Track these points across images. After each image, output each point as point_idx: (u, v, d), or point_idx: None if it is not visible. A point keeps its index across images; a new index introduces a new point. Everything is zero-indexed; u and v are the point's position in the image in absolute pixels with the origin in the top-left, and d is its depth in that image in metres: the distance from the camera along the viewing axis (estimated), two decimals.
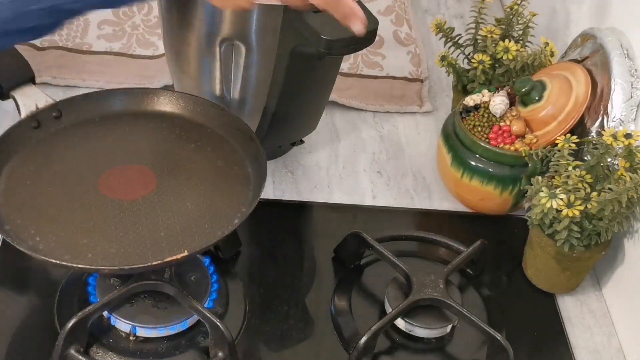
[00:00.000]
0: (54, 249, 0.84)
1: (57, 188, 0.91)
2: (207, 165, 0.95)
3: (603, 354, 0.99)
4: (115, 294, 0.88)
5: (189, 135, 0.98)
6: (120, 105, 1.00)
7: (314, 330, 0.96)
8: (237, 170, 0.94)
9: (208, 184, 0.93)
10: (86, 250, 0.84)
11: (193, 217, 0.89)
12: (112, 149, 0.97)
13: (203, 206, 0.90)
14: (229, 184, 0.93)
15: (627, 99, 1.00)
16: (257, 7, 0.93)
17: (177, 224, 0.88)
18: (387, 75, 1.32)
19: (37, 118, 0.96)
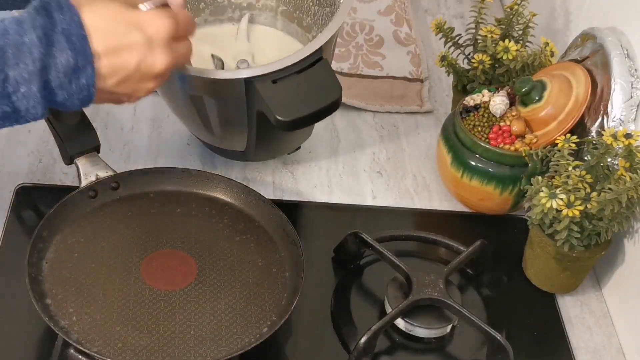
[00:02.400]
0: (87, 332, 0.85)
1: (102, 267, 0.92)
2: (248, 262, 0.94)
3: (603, 354, 0.99)
4: None
5: (236, 226, 0.98)
6: (176, 184, 1.01)
7: (314, 330, 0.96)
8: (275, 273, 0.94)
9: (245, 284, 0.92)
10: (117, 338, 0.85)
11: (225, 319, 0.89)
12: (160, 229, 0.97)
13: (236, 308, 0.90)
14: (266, 287, 0.92)
15: (627, 99, 1.00)
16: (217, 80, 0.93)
17: (208, 325, 0.88)
18: (387, 75, 1.32)
19: (95, 188, 0.97)
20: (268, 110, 0.89)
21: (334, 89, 0.90)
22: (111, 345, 0.84)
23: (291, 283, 0.92)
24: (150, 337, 0.86)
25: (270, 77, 0.89)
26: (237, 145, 1.06)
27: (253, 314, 0.89)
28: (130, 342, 0.85)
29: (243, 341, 0.87)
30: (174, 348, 0.85)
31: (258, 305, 0.90)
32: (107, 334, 0.85)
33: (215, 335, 0.87)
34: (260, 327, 0.88)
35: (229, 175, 1.12)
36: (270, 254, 0.96)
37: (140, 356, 0.84)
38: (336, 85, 0.90)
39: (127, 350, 0.84)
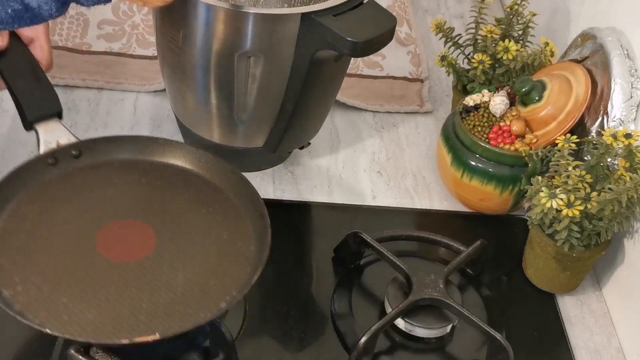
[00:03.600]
0: (32, 303, 0.81)
1: (55, 237, 0.88)
2: (212, 235, 0.91)
3: (603, 354, 0.99)
4: None
5: (203, 197, 0.95)
6: (142, 153, 0.97)
7: (314, 330, 0.96)
8: (240, 247, 0.90)
9: (206, 257, 0.89)
10: (63, 311, 0.81)
11: (180, 293, 0.85)
12: (121, 198, 0.94)
13: (194, 282, 0.86)
14: (228, 261, 0.89)
15: (627, 99, 1.00)
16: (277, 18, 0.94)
17: (162, 298, 0.84)
18: (387, 75, 1.32)
19: (56, 155, 0.94)
20: (337, 37, 0.89)
21: (390, 18, 0.93)
22: (56, 318, 0.81)
23: (256, 257, 0.89)
24: (99, 310, 0.82)
25: (330, 11, 0.92)
26: (259, 136, 1.05)
27: (212, 289, 0.85)
28: (76, 315, 0.81)
29: (198, 316, 0.82)
30: (122, 322, 0.81)
31: (218, 280, 0.86)
32: (53, 305, 0.82)
33: (169, 310, 0.83)
34: (219, 302, 0.84)
35: None
36: (237, 226, 0.92)
37: (85, 329, 0.80)
38: (390, 15, 0.93)
39: (73, 323, 0.81)
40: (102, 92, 1.22)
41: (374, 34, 0.91)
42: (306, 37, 0.93)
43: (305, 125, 1.08)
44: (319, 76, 0.98)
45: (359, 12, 0.93)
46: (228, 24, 0.95)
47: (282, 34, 0.94)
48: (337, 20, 0.91)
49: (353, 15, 0.93)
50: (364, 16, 0.93)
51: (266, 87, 1.00)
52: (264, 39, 0.95)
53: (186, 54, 1.00)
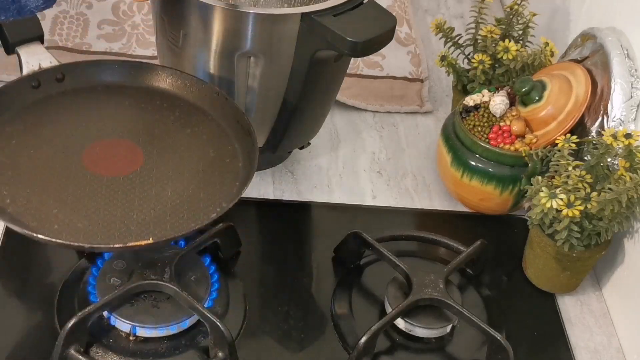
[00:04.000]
0: (22, 214, 0.82)
1: (42, 153, 0.90)
2: (198, 152, 0.93)
3: (603, 354, 0.99)
4: (115, 294, 0.88)
5: (188, 119, 0.96)
6: (126, 77, 0.98)
7: (314, 330, 0.96)
8: (228, 164, 0.92)
9: (194, 173, 0.90)
10: (54, 220, 0.83)
11: (170, 205, 0.86)
12: (106, 120, 0.94)
13: (184, 195, 0.88)
14: (216, 176, 0.91)
15: (627, 99, 1.00)
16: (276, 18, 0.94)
17: (152, 209, 0.86)
18: (387, 75, 1.32)
19: (38, 78, 0.94)
20: (337, 37, 0.90)
21: (390, 18, 0.93)
22: (46, 227, 0.82)
23: (243, 172, 0.90)
24: (90, 220, 0.83)
25: (330, 11, 0.92)
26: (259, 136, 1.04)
27: (202, 201, 0.87)
28: (67, 224, 0.82)
29: (189, 225, 0.84)
30: (113, 231, 0.83)
31: (207, 193, 0.88)
32: (43, 216, 0.83)
33: (159, 220, 0.84)
34: (209, 213, 0.86)
35: None
36: (223, 145, 0.93)
37: (77, 237, 0.81)
38: (390, 15, 0.93)
39: (63, 232, 0.82)
40: None
41: (374, 34, 0.91)
42: (306, 37, 0.93)
43: (305, 125, 1.08)
44: (319, 76, 0.98)
45: (359, 12, 0.93)
46: (228, 24, 0.95)
47: (282, 34, 0.94)
48: (337, 20, 0.91)
49: (353, 15, 0.93)
50: (364, 16, 0.93)
51: (266, 87, 1.00)
52: (264, 39, 0.96)
53: (186, 54, 1.00)
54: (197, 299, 0.90)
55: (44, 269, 0.97)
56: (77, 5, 1.35)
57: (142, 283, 0.90)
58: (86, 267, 0.96)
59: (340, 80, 1.07)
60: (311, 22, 0.92)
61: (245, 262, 1.01)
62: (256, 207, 1.09)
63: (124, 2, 1.37)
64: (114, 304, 0.89)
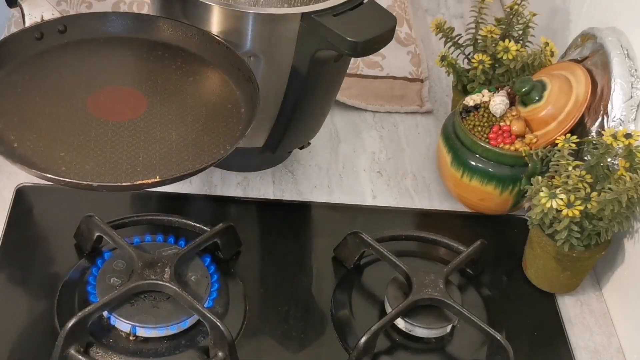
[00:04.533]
0: (29, 157, 0.84)
1: (47, 100, 0.91)
2: (201, 99, 0.94)
3: (603, 354, 0.99)
4: (116, 294, 0.88)
5: (189, 67, 0.97)
6: (127, 29, 0.99)
7: (314, 330, 0.96)
8: (230, 109, 0.93)
9: (197, 118, 0.92)
10: (61, 163, 0.84)
11: (175, 147, 0.88)
12: (109, 69, 0.96)
13: (188, 138, 0.89)
14: (219, 120, 0.92)
15: (627, 99, 1.00)
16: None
17: (158, 151, 0.87)
18: (387, 75, 1.32)
19: (41, 29, 0.95)
20: (337, 37, 0.90)
21: (390, 18, 0.93)
22: (54, 169, 0.83)
23: (246, 117, 0.92)
24: (96, 162, 0.85)
25: (330, 11, 0.92)
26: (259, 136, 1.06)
27: (206, 144, 0.89)
28: (74, 166, 0.84)
29: (194, 165, 0.86)
30: (120, 172, 0.84)
31: (210, 137, 0.90)
32: (50, 158, 0.84)
33: (165, 161, 0.86)
34: (213, 155, 0.88)
35: (229, 174, 1.12)
36: (225, 92, 0.95)
37: (84, 177, 0.83)
38: (390, 15, 0.94)
39: (71, 173, 0.83)
40: None
41: (374, 34, 0.91)
42: (306, 37, 0.93)
43: (305, 125, 1.08)
44: (319, 76, 0.98)
45: (359, 12, 0.93)
46: (228, 24, 0.95)
47: (282, 34, 0.94)
48: (337, 20, 0.91)
49: (353, 15, 0.93)
50: (364, 16, 0.93)
51: (266, 87, 1.00)
52: (264, 39, 0.96)
53: None
54: (197, 299, 0.90)
55: (44, 268, 0.97)
56: (77, 5, 1.35)
57: (142, 283, 0.90)
58: (86, 267, 0.96)
59: (340, 80, 1.07)
60: (311, 22, 0.92)
61: (245, 262, 1.01)
62: (256, 207, 1.09)
63: (124, 2, 1.37)
64: (114, 304, 0.89)
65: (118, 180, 0.84)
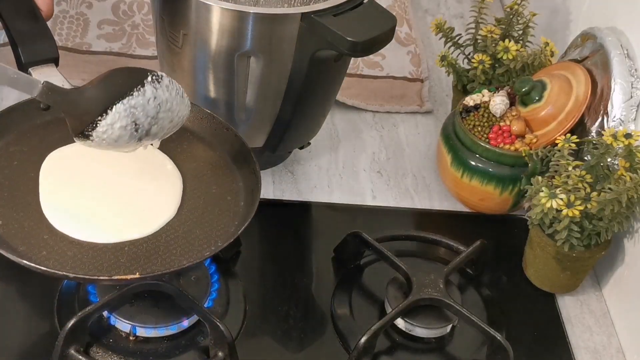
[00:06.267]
0: (12, 238, 0.82)
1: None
2: (200, 188, 0.92)
3: (603, 354, 0.99)
4: (115, 294, 0.88)
5: (194, 152, 0.95)
6: None
7: (314, 330, 0.96)
8: (229, 202, 0.91)
9: (194, 209, 0.90)
10: (43, 246, 0.82)
11: (164, 240, 0.86)
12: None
13: (179, 230, 0.87)
14: (216, 214, 0.89)
15: (627, 99, 1.00)
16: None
17: (145, 242, 0.85)
18: (387, 75, 1.32)
19: None
20: (337, 37, 0.90)
21: (390, 18, 0.93)
22: (35, 253, 0.81)
23: (244, 212, 0.89)
24: (80, 248, 0.82)
25: (330, 11, 0.92)
26: (259, 136, 1.05)
27: (197, 238, 0.86)
28: (56, 251, 0.82)
29: (180, 262, 0.83)
30: (102, 262, 0.82)
31: (204, 230, 0.87)
32: (33, 241, 0.82)
33: (151, 254, 0.84)
34: (203, 251, 0.85)
35: None
36: (227, 182, 0.93)
37: (64, 265, 0.80)
38: (390, 15, 0.93)
39: (51, 258, 0.81)
40: None
41: (374, 34, 0.91)
42: (306, 37, 0.93)
43: (305, 125, 1.08)
44: (319, 76, 0.98)
45: (359, 12, 0.93)
46: (228, 24, 0.95)
47: (282, 34, 0.94)
48: (337, 20, 0.91)
49: (353, 15, 0.93)
50: (364, 16, 0.93)
51: (266, 87, 1.00)
52: (264, 39, 0.96)
53: (186, 54, 1.00)
54: (197, 299, 0.90)
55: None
56: (77, 5, 1.35)
57: (142, 283, 0.90)
58: None
59: (340, 80, 1.07)
60: (311, 22, 0.92)
61: (245, 262, 1.01)
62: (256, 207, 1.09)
63: (124, 2, 1.37)
64: (114, 304, 0.89)
65: (97, 273, 0.81)
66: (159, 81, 0.81)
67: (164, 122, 0.82)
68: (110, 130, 0.79)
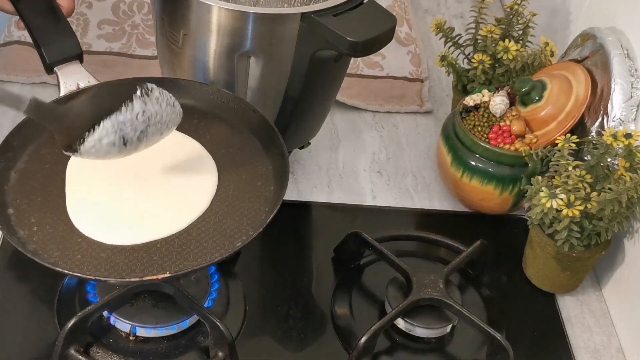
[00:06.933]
0: (46, 243, 0.82)
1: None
2: (231, 175, 0.91)
3: (603, 354, 0.99)
4: (116, 294, 0.88)
5: (223, 138, 0.94)
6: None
7: (314, 330, 0.96)
8: (259, 187, 0.90)
9: (224, 197, 0.89)
10: (77, 250, 0.82)
11: (196, 233, 0.85)
12: None
13: (210, 221, 0.86)
14: (246, 200, 0.88)
15: (627, 99, 1.00)
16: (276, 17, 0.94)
17: (177, 239, 0.84)
18: (387, 75, 1.32)
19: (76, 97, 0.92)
20: (337, 37, 0.90)
21: (390, 18, 0.93)
22: (69, 257, 0.81)
23: (274, 197, 0.88)
24: (112, 250, 0.82)
25: (330, 11, 0.92)
26: None
27: (228, 228, 0.85)
28: (89, 254, 0.82)
29: (212, 255, 0.82)
30: (136, 262, 0.82)
31: (235, 220, 0.86)
32: (67, 245, 0.82)
33: (183, 249, 0.83)
34: (234, 242, 0.84)
35: None
36: (257, 167, 0.92)
37: (98, 268, 0.81)
38: (390, 15, 0.93)
39: (85, 262, 0.81)
40: None
41: (374, 34, 0.91)
42: (306, 37, 0.93)
43: (305, 125, 1.08)
44: (319, 76, 0.98)
45: (359, 12, 0.93)
46: (228, 24, 0.95)
47: (282, 34, 0.94)
48: (337, 20, 0.91)
49: (353, 15, 0.93)
50: (364, 16, 0.93)
51: (266, 87, 1.00)
52: (264, 39, 0.96)
53: (186, 54, 1.00)
54: (197, 299, 0.90)
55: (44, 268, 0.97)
56: (77, 5, 1.35)
57: (141, 283, 0.90)
58: None
59: (340, 80, 1.07)
60: (311, 22, 0.92)
61: (245, 262, 1.01)
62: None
63: (124, 2, 1.37)
64: (114, 303, 0.89)
65: (128, 274, 0.81)
66: (149, 94, 0.80)
67: (154, 135, 0.82)
68: (98, 145, 0.78)
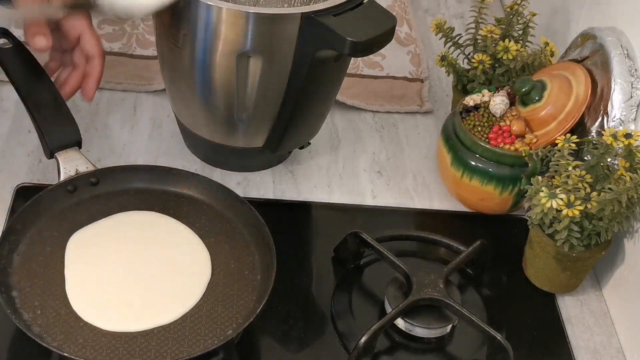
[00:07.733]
0: (50, 326, 0.86)
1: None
2: (220, 264, 0.94)
3: (603, 354, 0.99)
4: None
5: (212, 226, 0.98)
6: (156, 182, 1.01)
7: (314, 330, 0.96)
8: (247, 276, 0.93)
9: (214, 286, 0.92)
10: (79, 334, 0.85)
11: (189, 321, 0.88)
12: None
13: (202, 309, 0.89)
14: (235, 289, 0.92)
15: (627, 99, 1.00)
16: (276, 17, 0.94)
17: (172, 325, 0.88)
18: (387, 75, 1.32)
19: (75, 183, 0.98)
20: (337, 37, 0.90)
21: (390, 18, 0.93)
22: (72, 341, 0.84)
23: (261, 286, 0.92)
24: (112, 335, 0.86)
25: (330, 11, 0.92)
26: (259, 136, 1.06)
27: (219, 316, 0.89)
28: (91, 339, 0.85)
29: (206, 342, 0.86)
30: (135, 347, 0.85)
31: (225, 308, 0.90)
32: (70, 329, 0.86)
33: (179, 336, 0.87)
34: (226, 330, 0.88)
35: (229, 174, 1.12)
36: (244, 256, 0.95)
37: (100, 353, 0.84)
38: (390, 15, 0.93)
39: (88, 346, 0.84)
40: (102, 92, 1.22)
41: (374, 34, 0.91)
42: (306, 37, 0.93)
43: (305, 125, 1.08)
44: (319, 76, 0.98)
45: (359, 12, 0.93)
46: (228, 24, 0.95)
47: (282, 34, 0.94)
48: (337, 20, 0.91)
49: (353, 15, 0.93)
50: (364, 16, 0.93)
51: (266, 87, 1.00)
52: (264, 39, 0.96)
53: (186, 54, 1.00)
54: None
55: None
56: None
57: None
58: None
59: (340, 80, 1.07)
60: (311, 22, 0.92)
61: None
62: (256, 207, 1.08)
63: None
64: None
65: (130, 358, 0.84)
66: None
67: None
68: None
